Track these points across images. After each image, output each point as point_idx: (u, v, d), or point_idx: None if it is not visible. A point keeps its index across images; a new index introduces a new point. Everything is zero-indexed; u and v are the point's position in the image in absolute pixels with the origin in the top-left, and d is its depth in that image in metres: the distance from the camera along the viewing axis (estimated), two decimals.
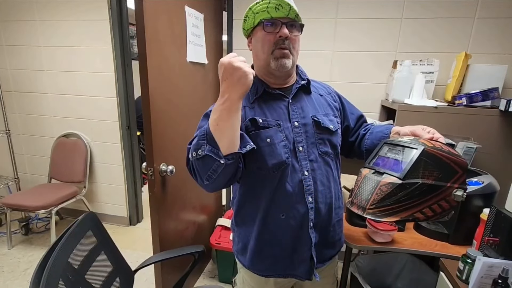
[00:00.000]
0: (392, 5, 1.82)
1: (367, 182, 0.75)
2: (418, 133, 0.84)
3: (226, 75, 0.69)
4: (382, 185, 0.71)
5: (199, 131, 0.75)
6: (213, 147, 0.71)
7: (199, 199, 1.93)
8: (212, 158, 0.71)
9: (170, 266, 1.56)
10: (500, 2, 1.67)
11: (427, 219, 0.71)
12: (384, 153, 0.81)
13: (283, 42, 0.82)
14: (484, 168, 1.37)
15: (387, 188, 0.70)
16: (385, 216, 0.69)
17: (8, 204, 2.20)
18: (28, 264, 2.15)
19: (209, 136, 0.72)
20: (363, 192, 0.75)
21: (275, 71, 0.85)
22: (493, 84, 1.53)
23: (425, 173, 0.69)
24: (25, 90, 2.57)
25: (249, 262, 0.95)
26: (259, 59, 0.88)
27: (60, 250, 0.85)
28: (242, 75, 0.68)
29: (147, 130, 1.30)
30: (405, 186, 0.68)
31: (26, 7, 2.36)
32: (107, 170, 2.60)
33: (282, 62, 0.83)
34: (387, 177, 0.72)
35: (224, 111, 0.70)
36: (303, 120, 0.89)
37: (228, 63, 0.68)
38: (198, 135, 0.74)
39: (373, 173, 0.76)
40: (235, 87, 0.69)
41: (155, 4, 1.26)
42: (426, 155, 0.70)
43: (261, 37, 0.84)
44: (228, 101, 0.70)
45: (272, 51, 0.83)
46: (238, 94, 0.70)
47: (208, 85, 1.93)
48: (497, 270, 0.91)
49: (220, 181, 0.78)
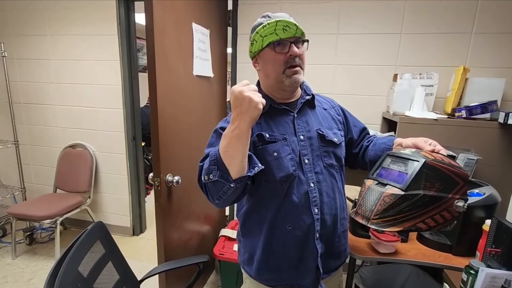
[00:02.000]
0: (392, 21, 1.88)
1: (371, 193, 0.77)
2: (420, 145, 0.87)
3: (236, 104, 0.72)
4: (385, 196, 0.73)
5: (210, 155, 0.77)
6: (223, 172, 0.74)
7: (203, 209, 1.94)
8: (223, 182, 0.74)
9: (175, 276, 1.56)
10: (496, 18, 1.72)
11: (429, 229, 0.73)
12: (387, 164, 0.83)
13: (293, 60, 0.85)
14: (485, 180, 1.38)
15: (390, 199, 0.72)
16: (389, 226, 0.71)
17: (13, 213, 2.22)
18: (32, 274, 2.15)
19: (219, 162, 0.74)
20: (367, 203, 0.77)
21: (288, 87, 0.89)
22: (491, 97, 1.56)
23: (427, 185, 0.71)
24: (33, 102, 2.64)
25: (255, 272, 0.96)
26: (269, 78, 0.91)
27: (70, 259, 0.87)
28: (252, 105, 0.70)
29: (154, 141, 1.33)
30: (407, 197, 0.71)
31: (39, 23, 2.45)
32: (111, 180, 2.63)
33: (296, 78, 0.87)
34: (390, 188, 0.74)
35: (233, 138, 0.73)
36: (309, 134, 0.92)
37: (239, 92, 0.71)
38: (209, 160, 0.77)
39: (376, 184, 0.79)
40: (244, 115, 0.71)
41: (164, 21, 1.31)
42: (427, 167, 0.72)
43: (271, 58, 0.86)
44: (237, 129, 0.72)
45: (283, 70, 0.86)
46: (247, 122, 0.72)
47: (213, 97, 1.98)
48: (500, 281, 0.92)
49: (230, 199, 0.81)
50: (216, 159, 0.75)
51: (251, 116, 0.72)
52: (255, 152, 0.87)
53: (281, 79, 0.87)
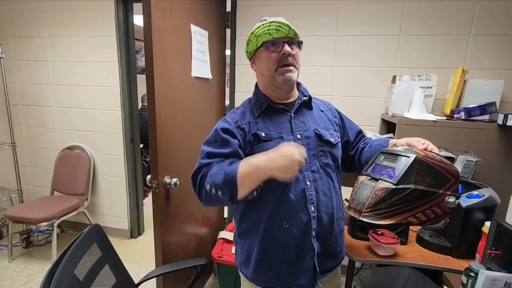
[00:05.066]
0: (390, 23, 1.88)
1: (363, 188, 0.80)
2: (413, 144, 0.90)
3: (283, 160, 0.76)
4: (377, 189, 0.75)
5: (226, 174, 0.80)
6: (232, 194, 0.80)
7: (201, 212, 1.93)
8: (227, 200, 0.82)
9: (173, 280, 1.55)
10: (494, 20, 1.73)
11: (420, 224, 0.74)
12: (380, 161, 0.86)
13: (286, 58, 0.88)
14: (484, 182, 1.38)
15: (381, 193, 0.74)
16: (380, 219, 0.73)
17: (10, 216, 2.20)
18: (28, 277, 2.13)
19: (233, 185, 0.79)
20: (359, 197, 0.79)
21: (282, 84, 0.91)
22: (490, 99, 1.56)
23: (418, 179, 0.73)
24: (31, 104, 2.62)
25: (252, 273, 0.96)
26: (264, 76, 0.94)
27: (66, 262, 0.86)
28: (293, 170, 0.76)
29: (152, 143, 1.33)
30: (398, 191, 0.72)
31: (37, 24, 2.44)
32: (109, 183, 2.62)
33: (288, 76, 0.90)
34: (382, 183, 0.76)
35: (255, 174, 0.79)
36: (306, 133, 0.94)
37: (293, 154, 0.75)
38: (224, 179, 0.80)
39: (369, 179, 0.81)
40: (281, 173, 0.76)
41: (162, 23, 1.31)
42: (418, 162, 0.74)
43: (265, 57, 0.90)
44: (264, 173, 0.78)
45: (276, 68, 0.89)
46: (275, 174, 0.77)
47: (211, 98, 1.97)
48: (500, 283, 0.91)
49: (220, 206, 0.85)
50: (232, 181, 0.79)
51: (284, 176, 0.77)
52: (251, 150, 0.89)
53: (275, 77, 0.90)
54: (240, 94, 2.24)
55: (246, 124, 0.92)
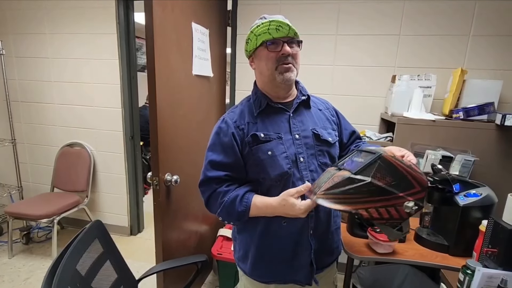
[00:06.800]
0: (390, 23, 1.89)
1: (326, 174, 0.83)
2: (392, 150, 0.87)
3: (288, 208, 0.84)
4: (335, 176, 0.77)
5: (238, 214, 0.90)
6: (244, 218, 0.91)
7: (201, 209, 1.93)
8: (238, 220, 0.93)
9: (173, 276, 1.56)
10: (493, 21, 1.74)
11: (372, 220, 0.74)
12: (352, 156, 0.87)
13: (285, 58, 0.88)
14: (482, 181, 1.39)
15: (338, 179, 0.75)
16: (331, 204, 0.74)
17: (10, 212, 2.21)
18: (29, 273, 2.14)
19: (247, 213, 0.90)
20: (319, 181, 0.82)
21: (281, 84, 0.92)
22: (489, 99, 1.58)
23: (377, 175, 0.73)
24: (31, 100, 2.62)
25: (250, 269, 0.98)
26: (263, 75, 0.94)
27: (69, 257, 0.87)
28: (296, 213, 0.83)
29: (153, 140, 1.33)
30: (353, 180, 0.73)
31: (37, 20, 2.44)
32: (109, 180, 2.62)
33: (287, 75, 0.90)
34: (342, 171, 0.78)
35: (268, 212, 0.89)
36: (304, 133, 0.94)
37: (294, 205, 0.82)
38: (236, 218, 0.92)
39: (334, 169, 0.83)
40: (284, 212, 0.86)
41: (164, 21, 1.32)
42: (382, 159, 0.75)
43: (265, 56, 0.90)
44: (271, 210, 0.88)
45: (276, 67, 0.89)
46: (284, 214, 0.86)
47: (212, 96, 1.98)
48: (496, 280, 0.93)
49: None
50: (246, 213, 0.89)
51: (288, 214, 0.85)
52: (250, 151, 0.90)
53: (274, 76, 0.90)
54: (240, 92, 2.24)
55: (245, 124, 0.93)
